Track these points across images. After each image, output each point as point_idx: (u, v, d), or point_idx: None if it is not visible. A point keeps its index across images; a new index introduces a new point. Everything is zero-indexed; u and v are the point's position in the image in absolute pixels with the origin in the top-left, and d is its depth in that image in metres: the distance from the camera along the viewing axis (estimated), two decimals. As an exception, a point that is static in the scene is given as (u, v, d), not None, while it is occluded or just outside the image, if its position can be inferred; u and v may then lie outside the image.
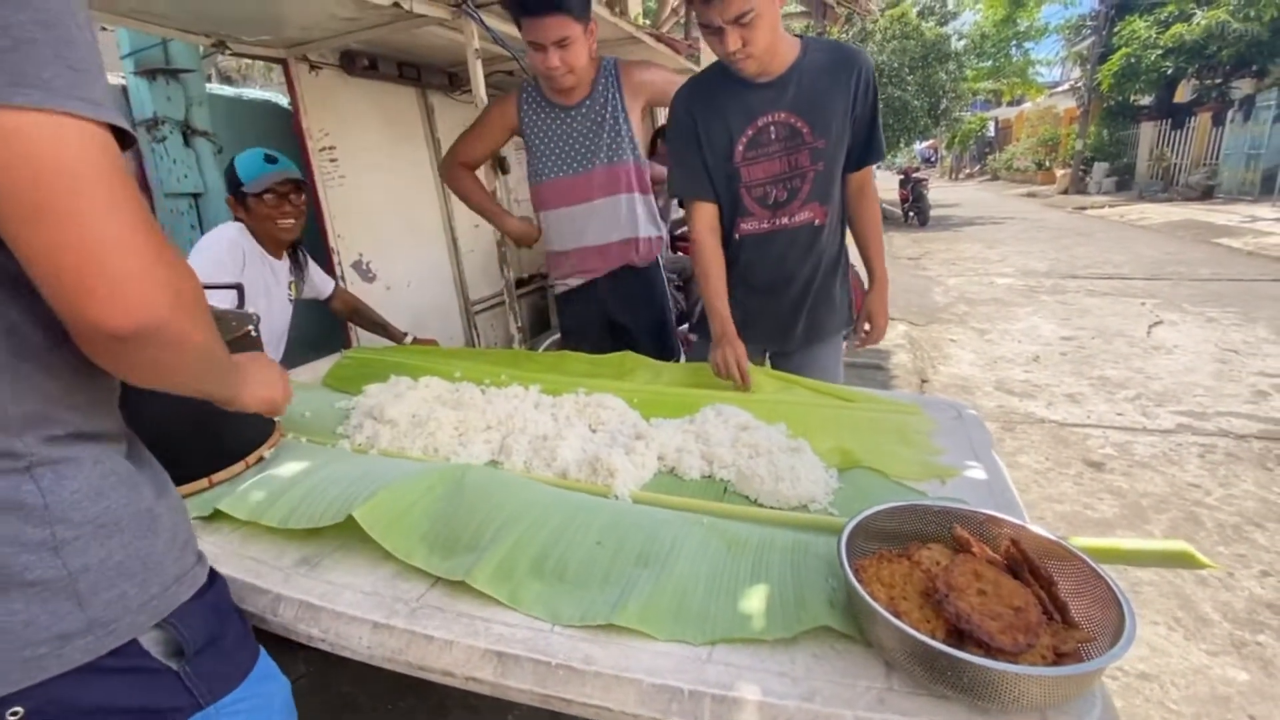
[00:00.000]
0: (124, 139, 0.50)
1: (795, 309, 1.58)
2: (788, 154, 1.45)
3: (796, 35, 1.47)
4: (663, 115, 3.45)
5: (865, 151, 1.49)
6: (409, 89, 2.95)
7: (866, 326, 1.64)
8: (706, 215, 1.54)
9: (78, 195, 0.45)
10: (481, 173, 2.03)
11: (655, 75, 1.84)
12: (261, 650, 0.70)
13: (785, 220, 1.51)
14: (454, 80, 3.10)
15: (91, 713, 0.52)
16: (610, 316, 1.94)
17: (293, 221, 1.73)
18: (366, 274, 2.71)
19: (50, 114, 0.44)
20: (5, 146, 0.43)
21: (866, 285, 1.65)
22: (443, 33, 2.24)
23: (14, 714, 0.49)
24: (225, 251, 1.61)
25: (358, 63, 2.55)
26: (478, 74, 2.03)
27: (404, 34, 2.26)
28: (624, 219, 1.85)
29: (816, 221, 1.50)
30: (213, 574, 0.66)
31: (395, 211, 2.88)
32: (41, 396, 0.52)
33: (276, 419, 1.20)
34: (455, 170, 1.92)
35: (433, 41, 2.43)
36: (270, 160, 1.68)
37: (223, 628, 0.64)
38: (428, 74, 2.95)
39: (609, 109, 1.77)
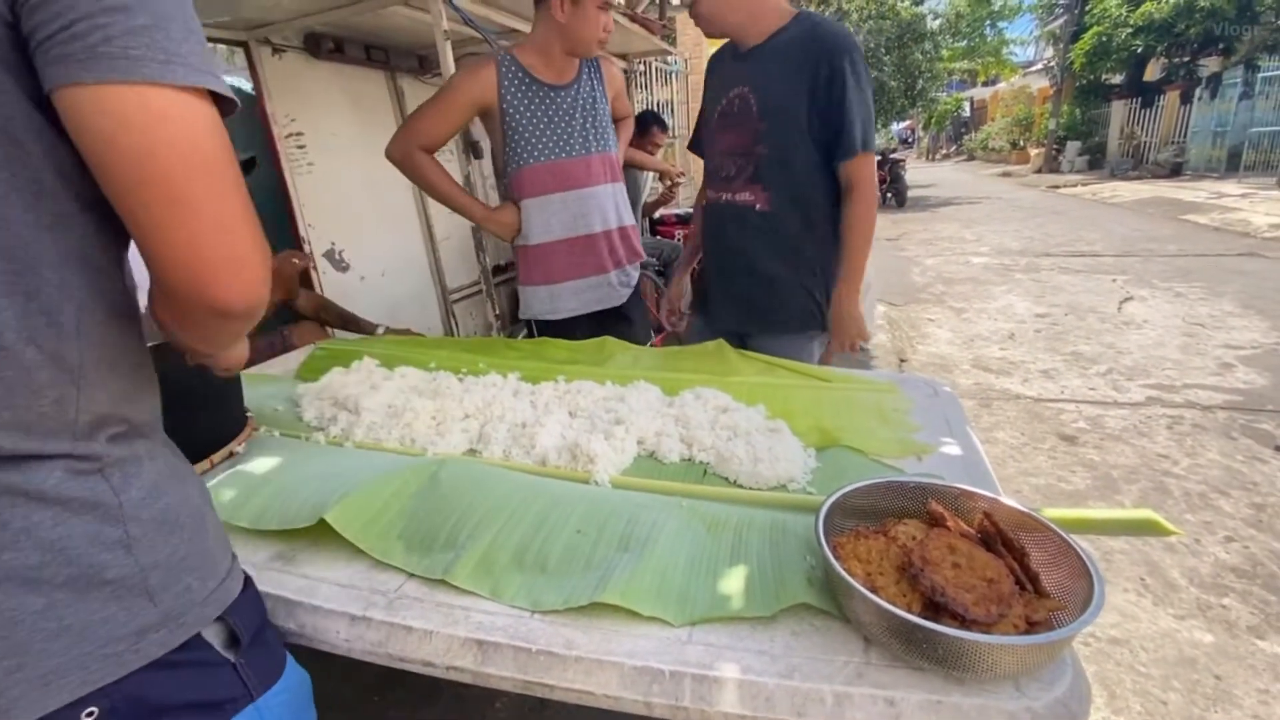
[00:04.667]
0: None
1: (743, 288, 1.57)
2: (740, 130, 1.44)
3: (796, 9, 1.41)
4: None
5: (834, 146, 1.38)
6: (377, 72, 2.88)
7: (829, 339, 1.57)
8: (703, 177, 1.71)
9: (213, 178, 0.45)
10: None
11: (620, 75, 1.83)
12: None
13: (729, 196, 1.51)
14: (424, 63, 3.03)
15: (160, 709, 0.53)
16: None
17: None
18: (340, 264, 2.66)
19: (192, 93, 0.43)
20: (159, 128, 0.42)
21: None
22: (410, 14, 2.18)
23: (90, 714, 0.49)
24: None
25: (323, 45, 2.48)
26: (447, 56, 1.98)
27: (369, 15, 2.20)
28: (617, 207, 1.81)
29: (758, 206, 1.46)
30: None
31: (367, 199, 2.82)
32: (109, 394, 0.52)
33: (249, 414, 1.17)
34: (412, 155, 1.65)
35: (400, 23, 2.37)
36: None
37: (263, 620, 0.65)
38: (396, 56, 2.88)
39: (595, 95, 1.73)
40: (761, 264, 1.52)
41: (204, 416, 1.03)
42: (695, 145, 1.71)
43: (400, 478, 0.90)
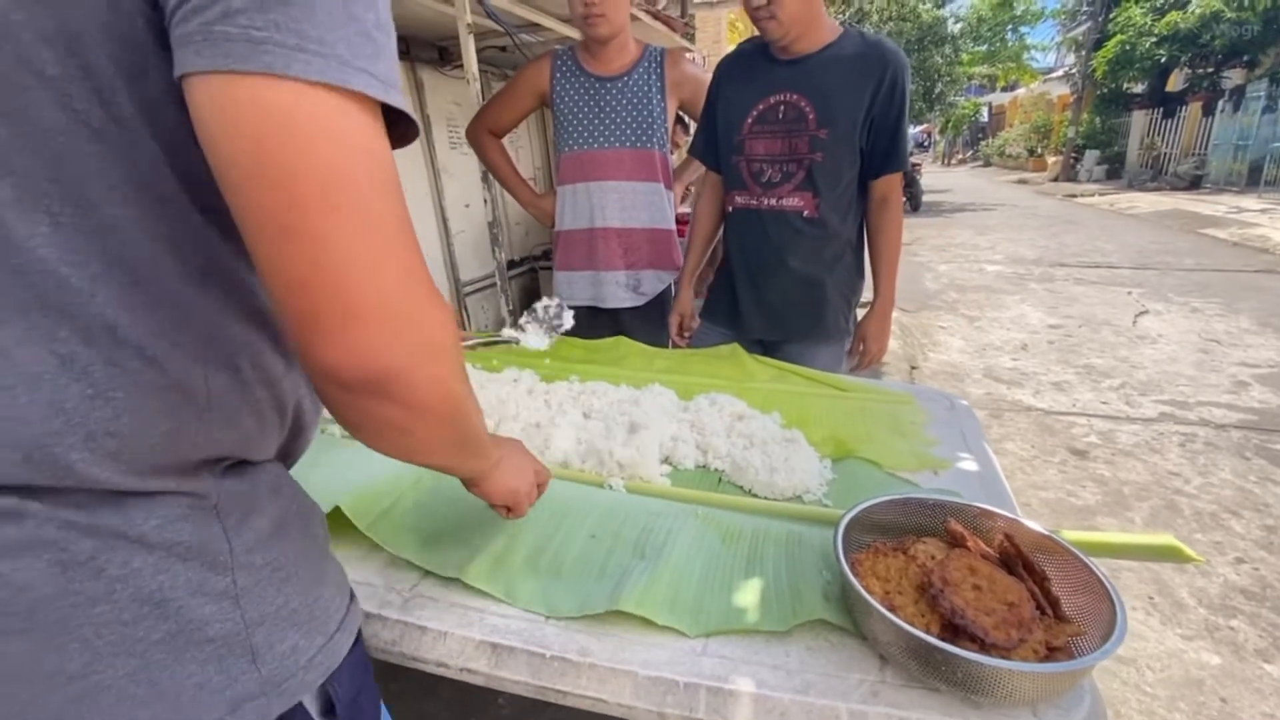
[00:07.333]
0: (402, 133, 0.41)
1: (782, 296, 1.55)
2: (789, 136, 1.44)
3: (842, 24, 1.45)
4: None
5: (884, 159, 1.43)
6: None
7: (861, 347, 1.60)
8: (709, 182, 1.68)
9: (343, 205, 0.35)
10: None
11: (698, 75, 1.75)
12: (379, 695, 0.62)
13: (773, 201, 1.50)
14: (444, 55, 3.03)
15: None
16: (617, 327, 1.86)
17: None
18: (354, 253, 2.66)
19: (329, 92, 0.33)
20: (280, 133, 0.32)
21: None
22: (432, 4, 2.18)
23: None
24: None
25: (345, 35, 2.48)
26: (469, 49, 1.98)
27: (392, 5, 2.19)
28: (651, 206, 1.79)
29: (806, 212, 1.47)
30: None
31: (384, 189, 2.82)
32: (233, 428, 0.45)
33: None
34: (482, 136, 1.86)
35: (421, 14, 2.37)
36: None
37: (365, 677, 0.57)
38: (417, 48, 2.88)
39: (648, 93, 1.72)
40: (806, 270, 1.52)
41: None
42: (708, 151, 1.63)
43: (414, 471, 0.90)
